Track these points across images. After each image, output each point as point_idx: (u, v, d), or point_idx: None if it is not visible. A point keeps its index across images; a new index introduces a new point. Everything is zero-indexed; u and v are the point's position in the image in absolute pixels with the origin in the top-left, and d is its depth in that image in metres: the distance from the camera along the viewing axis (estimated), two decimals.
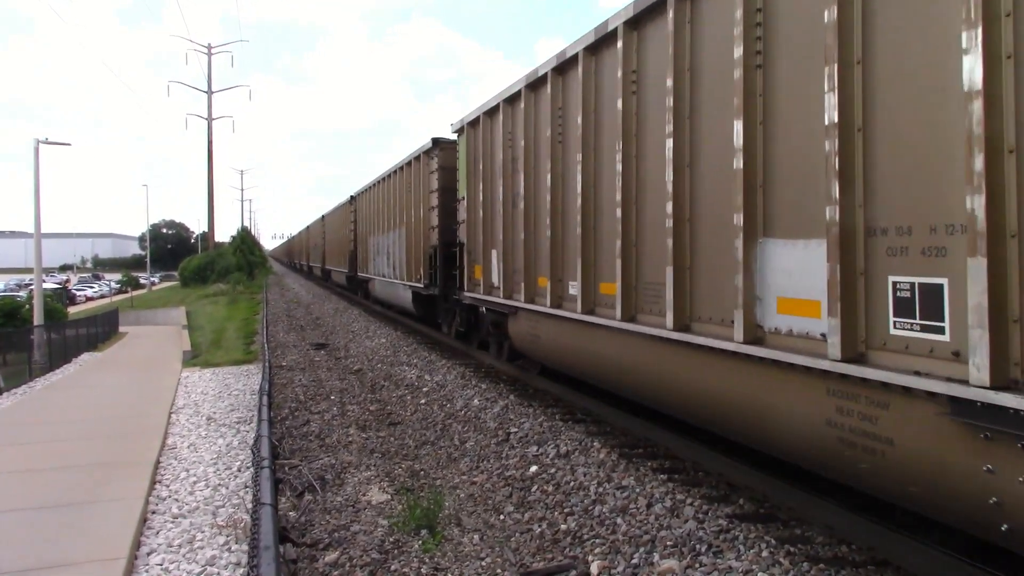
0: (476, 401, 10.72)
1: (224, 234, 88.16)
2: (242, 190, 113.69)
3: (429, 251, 15.92)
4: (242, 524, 6.51)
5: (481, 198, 11.88)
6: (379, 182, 22.66)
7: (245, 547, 5.92)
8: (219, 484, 8.01)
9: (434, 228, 15.53)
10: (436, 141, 15.67)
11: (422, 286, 16.49)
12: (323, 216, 43.49)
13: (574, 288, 8.44)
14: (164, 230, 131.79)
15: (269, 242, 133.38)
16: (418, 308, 17.93)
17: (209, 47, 61.51)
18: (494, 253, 11.37)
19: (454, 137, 14.20)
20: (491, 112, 11.52)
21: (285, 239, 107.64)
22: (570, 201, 8.64)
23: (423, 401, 11.44)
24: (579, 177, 8.26)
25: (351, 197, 29.60)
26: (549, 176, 9.10)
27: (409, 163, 18.26)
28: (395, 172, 20.03)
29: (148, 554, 6.13)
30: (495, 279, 11.29)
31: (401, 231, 18.99)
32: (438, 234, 15.19)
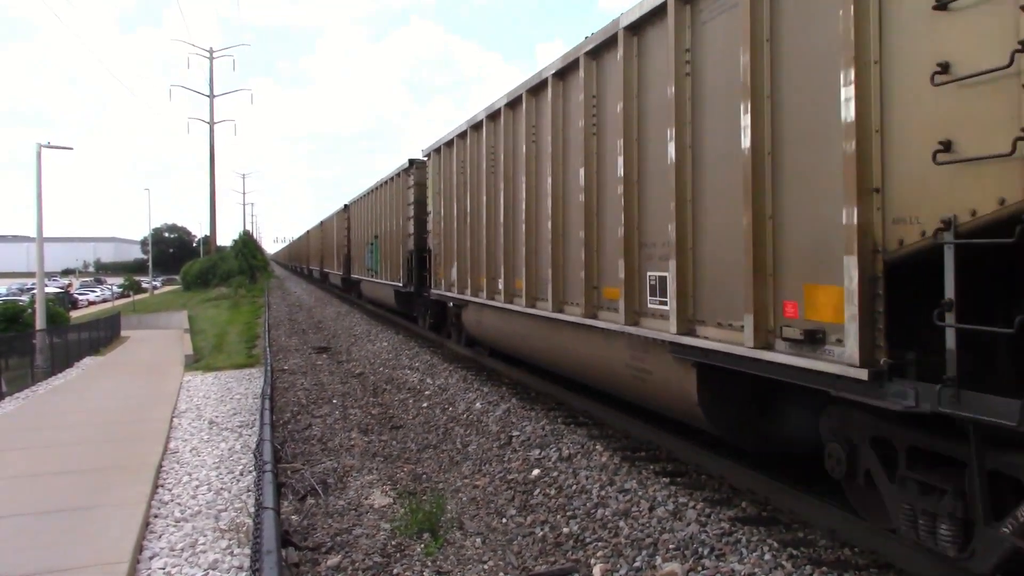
0: (478, 404, 10.71)
1: (226, 238, 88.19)
2: (244, 194, 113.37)
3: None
4: (244, 528, 6.52)
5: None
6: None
7: (247, 551, 5.92)
8: (221, 488, 8.02)
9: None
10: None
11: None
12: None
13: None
14: (166, 234, 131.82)
15: (271, 246, 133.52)
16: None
17: (211, 51, 61.65)
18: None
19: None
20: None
21: (287, 243, 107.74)
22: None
23: (425, 404, 11.44)
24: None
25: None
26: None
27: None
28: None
29: (150, 558, 6.14)
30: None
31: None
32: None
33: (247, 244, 61.54)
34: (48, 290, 34.01)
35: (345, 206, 31.15)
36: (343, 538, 6.33)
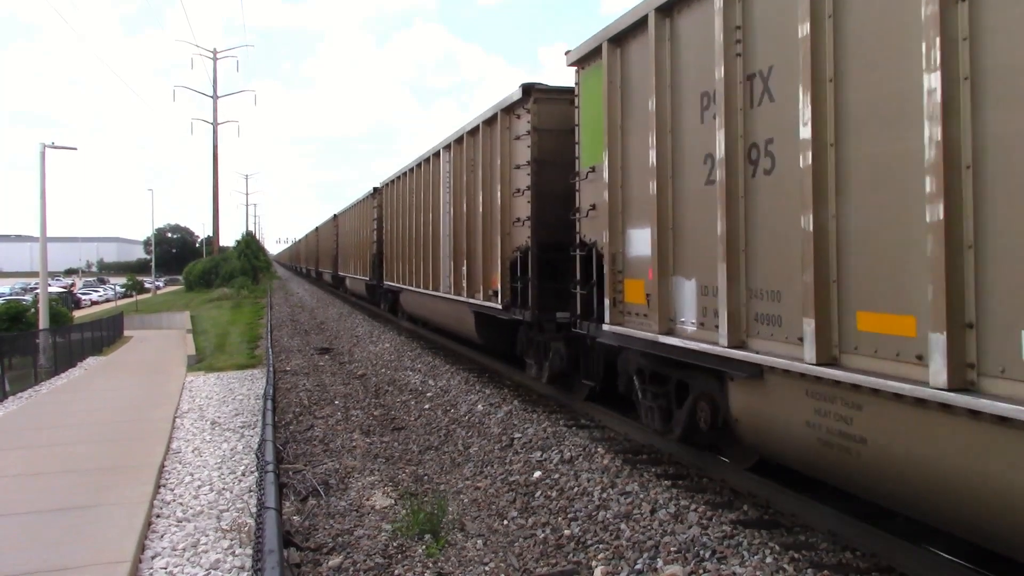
0: (480, 406, 10.72)
1: (229, 238, 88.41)
2: (247, 195, 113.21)
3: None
4: (246, 528, 6.53)
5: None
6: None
7: (249, 551, 5.92)
8: (223, 488, 8.03)
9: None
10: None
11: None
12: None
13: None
14: (169, 234, 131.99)
15: (273, 246, 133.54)
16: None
17: (215, 52, 61.77)
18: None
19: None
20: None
21: (289, 243, 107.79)
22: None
23: (427, 406, 11.45)
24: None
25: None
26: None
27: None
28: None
29: (152, 558, 6.15)
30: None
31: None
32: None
33: (250, 245, 61.62)
34: (51, 290, 34.09)
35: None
36: (344, 539, 6.33)
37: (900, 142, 4.32)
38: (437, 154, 15.34)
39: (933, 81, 4.02)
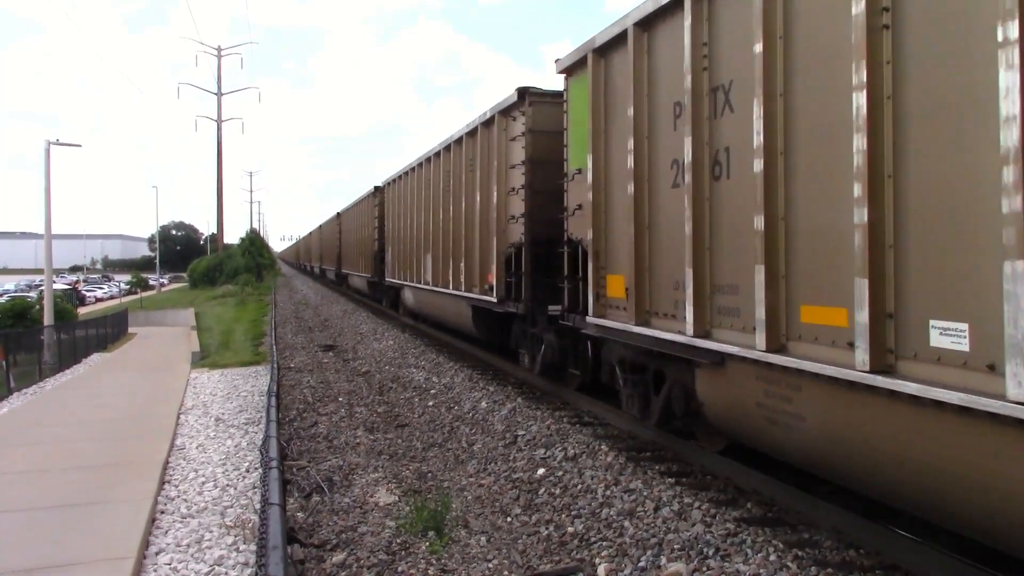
0: (484, 403, 10.72)
1: (233, 236, 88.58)
2: (251, 192, 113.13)
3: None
4: (250, 524, 6.54)
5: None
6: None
7: (253, 547, 5.94)
8: (227, 485, 8.05)
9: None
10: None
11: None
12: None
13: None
14: (173, 231, 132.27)
15: (277, 244, 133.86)
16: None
17: (219, 49, 61.79)
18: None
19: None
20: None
21: (293, 241, 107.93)
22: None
23: (431, 403, 11.46)
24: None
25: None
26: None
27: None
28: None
29: (157, 553, 6.17)
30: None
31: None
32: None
33: (254, 242, 61.63)
34: (56, 286, 34.17)
35: None
36: (348, 535, 6.34)
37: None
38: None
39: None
